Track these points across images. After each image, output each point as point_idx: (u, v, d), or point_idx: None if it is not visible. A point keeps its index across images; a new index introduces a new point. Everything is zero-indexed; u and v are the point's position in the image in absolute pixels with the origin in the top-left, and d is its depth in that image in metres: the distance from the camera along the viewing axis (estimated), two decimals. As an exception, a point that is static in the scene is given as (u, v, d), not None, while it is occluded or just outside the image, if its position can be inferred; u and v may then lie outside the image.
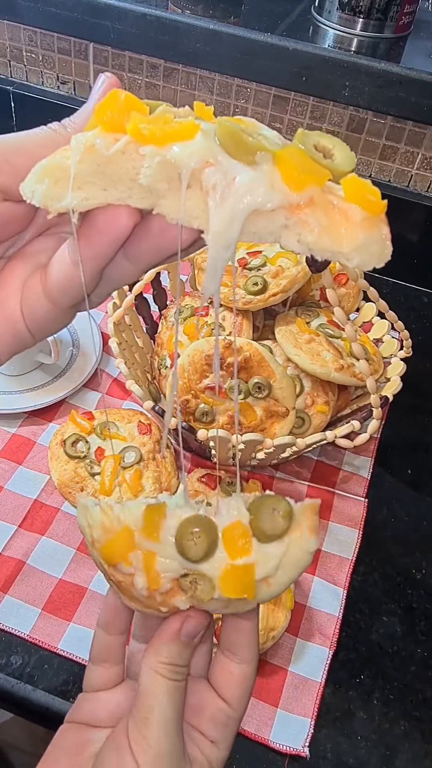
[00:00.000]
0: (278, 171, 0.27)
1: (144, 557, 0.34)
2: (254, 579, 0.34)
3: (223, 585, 0.34)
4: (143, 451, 0.71)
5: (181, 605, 0.34)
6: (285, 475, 0.75)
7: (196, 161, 0.26)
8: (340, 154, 0.29)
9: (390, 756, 0.56)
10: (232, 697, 0.36)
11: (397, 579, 0.68)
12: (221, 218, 0.26)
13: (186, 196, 0.27)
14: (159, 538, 0.34)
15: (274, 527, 0.34)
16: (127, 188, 0.27)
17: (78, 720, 0.37)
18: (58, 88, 1.09)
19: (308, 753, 0.55)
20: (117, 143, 0.27)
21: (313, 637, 0.62)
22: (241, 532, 0.34)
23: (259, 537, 0.34)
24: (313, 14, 0.93)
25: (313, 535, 0.35)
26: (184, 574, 0.34)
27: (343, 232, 0.26)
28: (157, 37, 0.89)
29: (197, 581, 0.34)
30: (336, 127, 0.96)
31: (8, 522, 0.68)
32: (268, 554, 0.34)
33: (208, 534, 0.34)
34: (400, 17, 0.87)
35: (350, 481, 0.76)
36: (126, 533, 0.34)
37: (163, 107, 0.28)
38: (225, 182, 0.26)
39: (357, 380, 0.69)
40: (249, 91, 0.98)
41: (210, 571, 0.34)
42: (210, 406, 0.69)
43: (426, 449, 0.82)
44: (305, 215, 0.27)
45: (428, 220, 0.97)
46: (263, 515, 0.34)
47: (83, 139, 0.27)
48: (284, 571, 0.34)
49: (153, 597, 0.34)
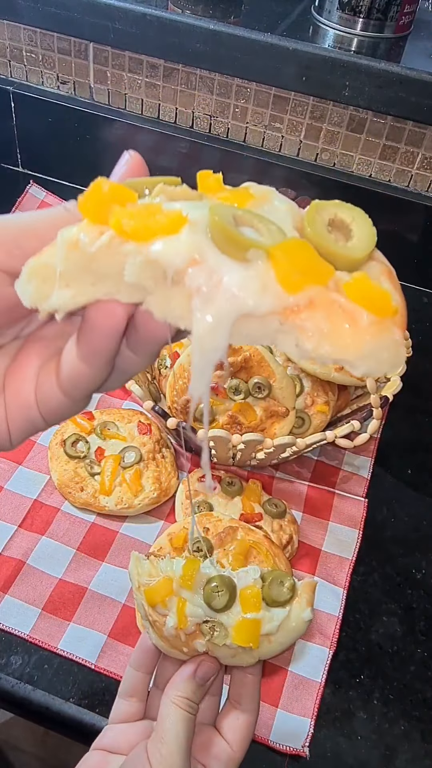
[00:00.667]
0: (273, 269, 0.23)
1: (178, 602, 0.43)
2: (260, 633, 0.42)
3: (235, 634, 0.42)
4: (143, 451, 0.71)
5: (199, 648, 0.43)
6: (285, 475, 0.75)
7: (181, 260, 0.24)
8: (359, 232, 0.26)
9: (390, 756, 0.56)
10: (234, 740, 0.44)
11: (397, 579, 0.68)
12: (205, 323, 0.24)
13: (171, 295, 0.25)
14: (192, 588, 0.43)
15: (279, 595, 0.43)
16: (114, 283, 0.25)
17: (101, 747, 0.45)
18: (58, 88, 1.09)
19: (308, 753, 0.55)
20: (100, 239, 0.25)
21: (313, 637, 0.62)
22: (254, 594, 0.43)
23: (268, 601, 0.43)
24: (313, 14, 0.93)
25: (309, 607, 0.44)
26: (206, 620, 0.43)
27: (348, 338, 0.23)
28: (157, 37, 0.89)
29: (215, 627, 0.43)
30: (336, 127, 0.96)
31: (8, 522, 0.68)
32: (272, 615, 0.43)
33: (229, 591, 0.43)
34: (400, 17, 0.87)
35: (350, 481, 0.76)
36: (167, 582, 0.43)
37: (158, 187, 0.26)
38: (211, 282, 0.23)
39: (357, 380, 0.69)
40: (249, 91, 0.98)
41: (227, 621, 0.43)
42: (210, 406, 0.69)
43: (426, 449, 0.82)
44: (302, 320, 0.23)
45: (428, 220, 0.97)
46: (272, 585, 0.44)
47: (67, 235, 0.25)
48: (283, 633, 0.43)
49: (178, 637, 0.43)
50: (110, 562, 0.66)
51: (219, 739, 0.45)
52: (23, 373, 0.31)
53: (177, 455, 0.75)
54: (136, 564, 0.45)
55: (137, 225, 0.24)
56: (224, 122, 1.03)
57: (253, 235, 0.24)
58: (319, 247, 0.25)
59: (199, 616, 0.43)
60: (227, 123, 1.03)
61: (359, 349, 0.23)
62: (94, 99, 1.08)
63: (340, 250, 0.25)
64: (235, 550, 0.61)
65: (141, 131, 1.05)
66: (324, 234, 0.25)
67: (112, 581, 0.65)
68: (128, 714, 0.46)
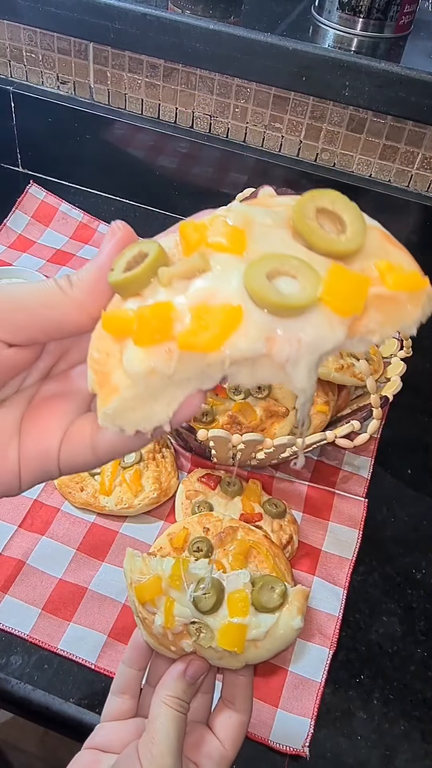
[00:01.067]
0: (327, 307, 0.26)
1: (166, 601, 0.43)
2: (245, 638, 0.43)
3: (221, 637, 0.43)
4: (143, 451, 0.71)
5: (186, 647, 0.44)
6: (285, 475, 0.75)
7: (261, 346, 0.26)
8: (348, 218, 0.28)
9: (390, 756, 0.56)
10: (226, 738, 0.44)
11: (397, 579, 0.68)
12: (302, 376, 0.27)
13: (257, 368, 0.27)
14: (180, 588, 0.43)
15: (269, 601, 0.44)
16: (198, 380, 0.27)
17: (93, 746, 0.45)
18: (58, 88, 1.09)
19: (308, 753, 0.55)
20: (172, 360, 0.26)
21: (313, 637, 0.62)
22: (242, 598, 0.44)
23: (257, 607, 0.44)
24: (313, 14, 0.93)
25: (299, 615, 0.44)
26: (193, 621, 0.43)
27: (401, 315, 0.27)
28: (157, 37, 0.89)
29: (201, 629, 0.43)
30: (336, 127, 0.96)
31: (8, 522, 0.68)
32: (260, 621, 0.43)
33: (217, 594, 0.43)
34: (400, 17, 0.87)
35: (350, 481, 0.76)
36: (156, 580, 0.44)
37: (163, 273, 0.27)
38: (294, 349, 0.26)
39: (357, 380, 0.69)
40: (249, 91, 0.98)
41: (213, 624, 0.43)
42: (210, 406, 0.69)
43: (426, 449, 0.82)
44: (364, 326, 0.27)
45: (428, 220, 0.97)
46: (263, 590, 0.44)
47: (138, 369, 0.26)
48: (271, 640, 0.43)
49: (166, 636, 0.44)
50: (110, 562, 0.66)
51: (211, 738, 0.45)
52: (46, 425, 0.31)
53: (177, 455, 0.75)
54: (129, 560, 0.45)
55: (205, 339, 0.25)
56: (224, 122, 1.03)
57: (292, 284, 0.26)
58: (322, 249, 0.27)
59: (186, 617, 0.43)
60: (227, 123, 1.03)
61: (413, 319, 0.27)
62: (94, 99, 1.08)
63: (342, 245, 0.27)
64: (235, 550, 0.61)
65: (141, 131, 1.05)
66: (324, 236, 0.27)
67: (112, 581, 0.65)
68: (120, 711, 0.47)
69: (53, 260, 1.01)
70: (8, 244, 1.02)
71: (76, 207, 1.07)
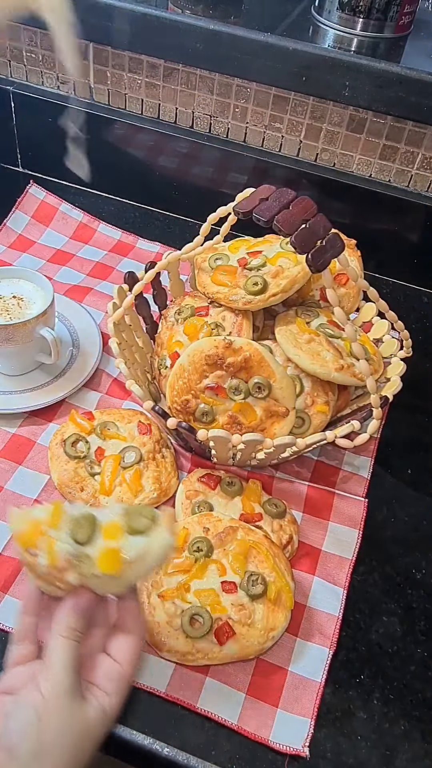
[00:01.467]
0: None
1: (47, 541, 0.47)
2: (121, 559, 0.47)
3: (100, 563, 0.47)
4: (143, 451, 0.71)
5: (72, 580, 0.48)
6: (285, 475, 0.75)
7: None
8: None
9: (390, 756, 0.56)
10: (123, 660, 0.49)
11: (397, 579, 0.68)
12: None
13: None
14: (58, 527, 0.48)
15: (139, 524, 0.48)
16: None
17: None
18: (58, 88, 1.09)
19: (308, 753, 0.55)
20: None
21: (313, 637, 0.62)
22: (114, 526, 0.49)
23: (130, 531, 0.48)
24: (313, 14, 0.93)
25: (169, 534, 0.48)
26: (73, 554, 0.47)
27: None
28: (157, 37, 0.89)
29: (82, 559, 0.47)
30: (336, 127, 0.96)
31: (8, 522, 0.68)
32: (133, 543, 0.48)
33: (91, 526, 0.48)
34: (400, 17, 0.87)
35: (350, 481, 0.76)
36: (36, 525, 0.48)
37: None
38: None
39: (357, 380, 0.69)
40: (249, 91, 0.98)
41: (92, 552, 0.47)
42: (210, 406, 0.69)
43: (426, 449, 0.82)
44: None
45: (428, 220, 0.97)
46: (134, 516, 0.49)
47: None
48: (146, 560, 0.48)
49: (52, 574, 0.48)
50: (110, 562, 0.66)
51: (109, 661, 0.49)
52: None
53: (177, 455, 0.75)
54: (12, 517, 0.49)
55: None
56: (224, 122, 1.03)
57: None
58: None
59: (67, 551, 0.47)
60: (227, 123, 1.03)
61: None
62: (94, 99, 1.08)
63: None
64: (235, 550, 0.61)
65: (141, 131, 1.05)
66: None
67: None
68: (22, 656, 0.50)
69: (53, 260, 1.01)
70: (8, 244, 1.02)
71: (76, 207, 1.07)
